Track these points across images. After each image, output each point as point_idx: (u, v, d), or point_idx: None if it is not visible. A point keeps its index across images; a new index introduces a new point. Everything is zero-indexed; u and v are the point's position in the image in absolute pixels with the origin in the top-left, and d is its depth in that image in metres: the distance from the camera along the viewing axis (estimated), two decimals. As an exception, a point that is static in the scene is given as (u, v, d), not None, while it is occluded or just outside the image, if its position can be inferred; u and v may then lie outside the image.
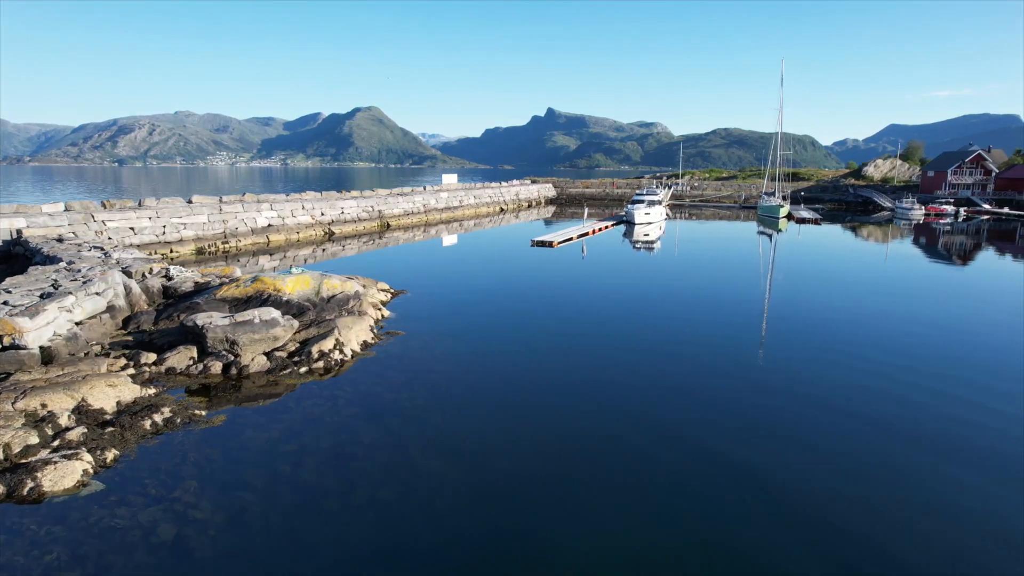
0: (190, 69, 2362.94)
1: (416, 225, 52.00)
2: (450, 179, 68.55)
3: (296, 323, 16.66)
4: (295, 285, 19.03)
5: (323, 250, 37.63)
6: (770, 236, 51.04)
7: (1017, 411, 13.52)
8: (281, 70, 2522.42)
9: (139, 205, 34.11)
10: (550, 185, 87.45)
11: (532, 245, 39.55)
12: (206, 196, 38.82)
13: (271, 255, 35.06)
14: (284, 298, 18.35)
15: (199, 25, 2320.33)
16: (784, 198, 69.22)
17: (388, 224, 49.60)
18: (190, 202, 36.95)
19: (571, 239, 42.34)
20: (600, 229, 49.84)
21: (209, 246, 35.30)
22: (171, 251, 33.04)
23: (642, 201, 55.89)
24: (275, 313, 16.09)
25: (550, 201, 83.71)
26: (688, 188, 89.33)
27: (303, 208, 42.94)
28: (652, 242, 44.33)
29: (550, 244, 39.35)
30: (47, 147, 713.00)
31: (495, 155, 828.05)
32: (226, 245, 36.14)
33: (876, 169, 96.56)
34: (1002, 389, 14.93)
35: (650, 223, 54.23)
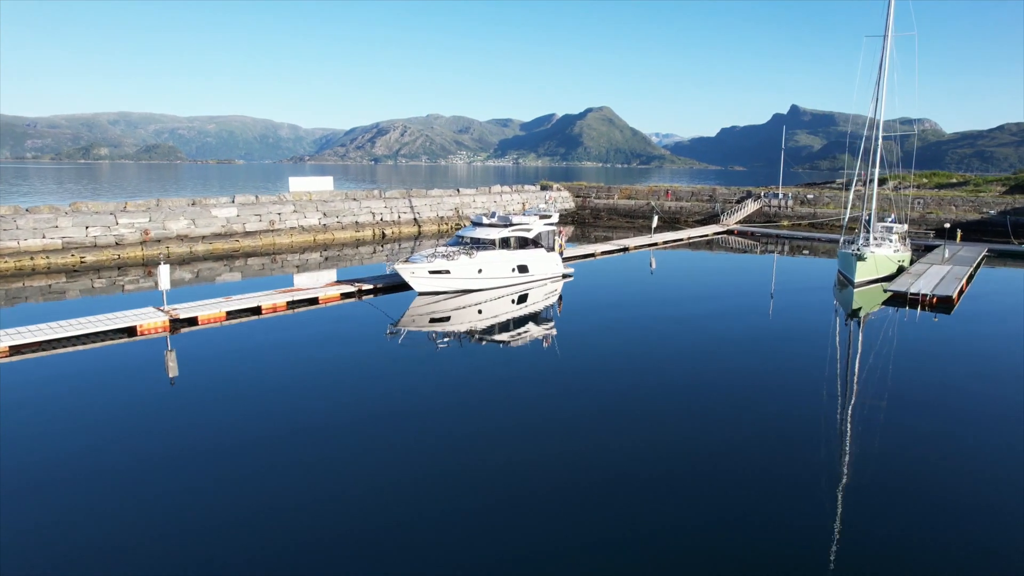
0: (442, 74, 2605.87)
1: (104, 265, 31.98)
2: (309, 183, 45.29)
3: None
4: None
5: None
6: (837, 325, 24.31)
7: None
8: (521, 72, 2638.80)
9: None
10: (567, 194, 60.01)
11: None
12: None
13: None
14: None
15: (456, 30, 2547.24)
16: (904, 236, 34.50)
17: None
18: None
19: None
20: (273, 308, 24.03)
21: None
22: None
23: (470, 241, 27.93)
24: None
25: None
26: (793, 202, 54.56)
27: None
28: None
29: None
30: (325, 148, 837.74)
31: (729, 155, 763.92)
32: None
33: None
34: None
35: (460, 291, 26.58)
